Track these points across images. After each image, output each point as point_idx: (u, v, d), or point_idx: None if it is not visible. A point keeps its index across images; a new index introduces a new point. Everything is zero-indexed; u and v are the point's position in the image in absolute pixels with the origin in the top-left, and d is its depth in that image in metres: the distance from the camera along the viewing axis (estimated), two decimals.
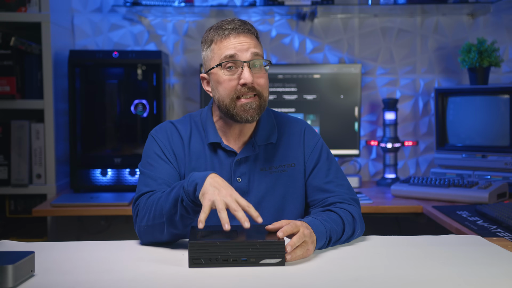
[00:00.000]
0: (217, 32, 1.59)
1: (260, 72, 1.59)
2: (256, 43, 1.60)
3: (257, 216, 1.38)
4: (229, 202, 1.37)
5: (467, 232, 1.93)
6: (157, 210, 1.49)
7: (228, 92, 1.58)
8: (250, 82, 1.56)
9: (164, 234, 1.51)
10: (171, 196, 1.46)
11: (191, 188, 1.42)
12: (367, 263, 1.39)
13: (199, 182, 1.41)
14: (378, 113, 3.15)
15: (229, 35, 1.57)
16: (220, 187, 1.40)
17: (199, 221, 1.35)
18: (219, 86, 1.60)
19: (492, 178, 2.68)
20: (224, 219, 1.35)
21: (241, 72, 1.56)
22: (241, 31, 1.58)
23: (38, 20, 2.70)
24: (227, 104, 1.59)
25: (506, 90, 2.65)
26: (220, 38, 1.58)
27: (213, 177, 1.42)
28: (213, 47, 1.60)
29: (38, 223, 2.81)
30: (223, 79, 1.58)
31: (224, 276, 1.28)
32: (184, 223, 1.47)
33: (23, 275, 1.23)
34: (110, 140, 2.82)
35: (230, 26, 1.58)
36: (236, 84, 1.57)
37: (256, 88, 1.58)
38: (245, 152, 1.66)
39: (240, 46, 1.57)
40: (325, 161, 1.71)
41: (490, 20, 3.10)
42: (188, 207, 1.43)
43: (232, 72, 1.57)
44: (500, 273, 1.31)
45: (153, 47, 3.11)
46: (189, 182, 1.43)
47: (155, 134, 1.69)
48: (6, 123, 2.76)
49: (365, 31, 3.13)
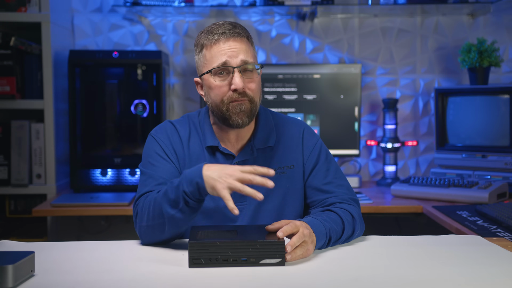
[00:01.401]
0: (207, 37, 1.59)
1: (251, 77, 1.59)
2: (246, 47, 1.59)
3: (267, 170, 1.42)
4: (241, 177, 1.39)
5: (467, 232, 1.93)
6: (155, 211, 1.49)
7: (220, 98, 1.58)
8: (241, 88, 1.56)
9: (165, 233, 1.51)
10: (170, 199, 1.46)
11: (194, 189, 1.42)
12: (367, 263, 1.39)
13: (198, 181, 1.41)
14: (378, 113, 3.15)
15: (218, 40, 1.57)
16: (220, 171, 1.41)
17: (232, 209, 1.37)
18: (210, 92, 1.60)
19: (492, 178, 2.68)
20: (251, 193, 1.38)
21: (231, 78, 1.56)
22: (231, 35, 1.57)
23: (38, 20, 2.70)
24: (220, 107, 1.59)
25: (506, 90, 2.65)
26: (210, 43, 1.58)
27: (207, 168, 1.42)
28: (204, 53, 1.60)
29: (38, 223, 2.81)
30: (214, 85, 1.58)
31: (224, 276, 1.29)
32: (187, 221, 1.48)
33: (23, 275, 1.23)
34: (110, 140, 2.82)
35: (219, 31, 1.57)
36: (227, 90, 1.57)
37: (247, 93, 1.58)
38: (243, 156, 1.65)
39: (230, 52, 1.56)
40: (324, 162, 1.71)
41: (490, 20, 3.10)
42: (194, 206, 1.44)
43: (223, 78, 1.57)
44: (500, 273, 1.31)
45: (153, 47, 3.11)
46: (187, 183, 1.43)
47: (155, 134, 1.69)
48: (6, 123, 2.76)
49: (365, 31, 3.13)
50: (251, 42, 1.63)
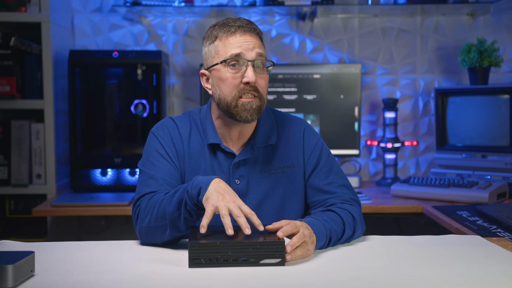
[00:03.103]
0: (223, 29, 1.58)
1: (262, 73, 1.59)
2: (260, 44, 1.60)
3: (259, 225, 1.39)
4: (232, 208, 1.37)
5: (467, 232, 1.93)
6: (159, 212, 1.48)
7: (230, 90, 1.57)
8: (253, 81, 1.55)
9: (166, 236, 1.50)
10: (175, 199, 1.46)
11: (195, 192, 1.42)
12: (367, 263, 1.39)
13: (203, 187, 1.41)
14: (378, 113, 3.15)
15: (235, 32, 1.57)
16: (224, 192, 1.40)
17: (201, 226, 1.35)
18: (221, 84, 1.58)
19: (492, 178, 2.68)
20: (227, 225, 1.35)
21: (244, 71, 1.56)
22: (247, 29, 1.57)
23: (38, 20, 2.70)
24: (228, 102, 1.57)
25: (506, 90, 2.65)
26: (226, 35, 1.57)
27: (217, 182, 1.42)
28: (217, 44, 1.58)
29: (38, 223, 2.81)
30: (226, 77, 1.57)
31: (224, 276, 1.28)
32: (187, 226, 1.47)
33: (23, 275, 1.23)
34: (110, 140, 2.82)
35: (236, 24, 1.57)
36: (239, 82, 1.56)
37: (257, 88, 1.57)
38: (244, 154, 1.65)
39: (246, 45, 1.56)
40: (325, 162, 1.70)
41: (490, 20, 3.10)
42: (191, 211, 1.43)
43: (236, 70, 1.57)
44: (500, 273, 1.31)
45: (153, 47, 3.11)
46: (193, 186, 1.43)
47: (156, 131, 1.68)
48: (6, 123, 2.76)
49: (365, 31, 3.13)
50: (263, 41, 1.64)
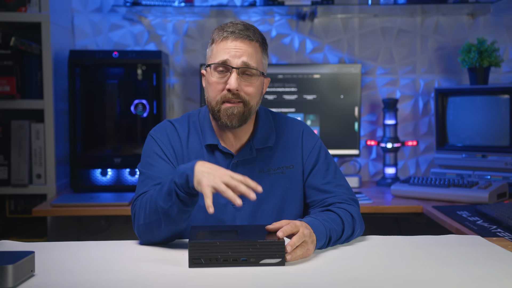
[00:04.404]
0: (219, 33, 1.60)
1: (249, 81, 1.58)
2: (253, 52, 1.58)
3: (256, 186, 1.41)
4: (228, 181, 1.39)
5: (467, 232, 1.93)
6: (151, 207, 1.49)
7: (214, 95, 1.59)
8: (235, 88, 1.56)
9: (162, 230, 1.50)
10: (164, 192, 1.46)
11: (183, 181, 1.42)
12: (367, 263, 1.39)
13: (189, 174, 1.42)
14: (378, 113, 3.15)
15: (227, 37, 1.58)
16: (212, 170, 1.41)
17: (208, 207, 1.36)
18: (208, 87, 1.62)
19: (492, 178, 2.68)
20: (232, 197, 1.37)
21: (229, 77, 1.57)
22: (240, 36, 1.57)
23: (38, 20, 2.70)
24: (212, 106, 1.60)
25: (506, 90, 2.65)
26: (219, 39, 1.59)
27: (201, 164, 1.43)
28: (213, 46, 1.61)
29: (38, 223, 2.81)
30: (212, 81, 1.59)
31: (224, 276, 1.29)
32: (182, 217, 1.48)
33: (23, 275, 1.23)
34: (110, 140, 2.82)
35: (230, 29, 1.58)
36: (223, 88, 1.58)
37: (241, 95, 1.58)
38: (242, 155, 1.66)
39: (234, 52, 1.57)
40: (323, 162, 1.71)
41: (490, 20, 3.10)
42: (185, 200, 1.44)
43: (221, 75, 1.58)
44: (500, 273, 1.31)
45: (153, 47, 3.11)
46: (179, 176, 1.44)
47: (154, 134, 1.69)
48: (6, 123, 2.76)
49: (365, 31, 3.13)
50: (263, 48, 1.62)
